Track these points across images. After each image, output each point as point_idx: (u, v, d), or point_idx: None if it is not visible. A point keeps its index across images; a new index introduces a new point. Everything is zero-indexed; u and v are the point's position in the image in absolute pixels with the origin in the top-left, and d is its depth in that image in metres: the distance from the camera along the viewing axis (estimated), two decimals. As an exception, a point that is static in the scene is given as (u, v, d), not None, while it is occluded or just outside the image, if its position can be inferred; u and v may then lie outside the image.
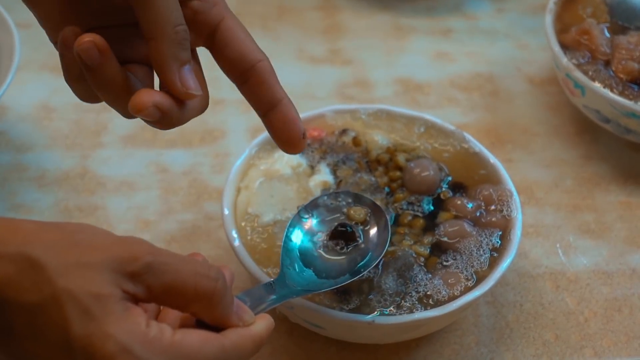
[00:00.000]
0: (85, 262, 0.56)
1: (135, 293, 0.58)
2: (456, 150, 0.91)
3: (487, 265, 0.82)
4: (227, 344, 0.60)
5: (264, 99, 0.72)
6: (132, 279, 0.57)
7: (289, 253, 0.78)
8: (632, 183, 1.02)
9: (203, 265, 0.60)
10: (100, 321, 0.55)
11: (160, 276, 0.58)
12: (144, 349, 0.56)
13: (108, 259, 0.57)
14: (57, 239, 0.57)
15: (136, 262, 0.57)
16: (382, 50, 1.17)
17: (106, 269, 0.56)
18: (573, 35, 1.04)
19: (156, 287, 0.58)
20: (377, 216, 0.82)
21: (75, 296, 0.55)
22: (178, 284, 0.59)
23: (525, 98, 1.12)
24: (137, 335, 0.56)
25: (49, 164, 1.00)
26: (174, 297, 0.59)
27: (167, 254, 0.59)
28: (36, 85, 1.08)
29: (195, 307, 0.60)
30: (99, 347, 0.55)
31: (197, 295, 0.59)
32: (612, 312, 0.90)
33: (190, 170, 1.00)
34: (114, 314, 0.56)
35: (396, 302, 0.79)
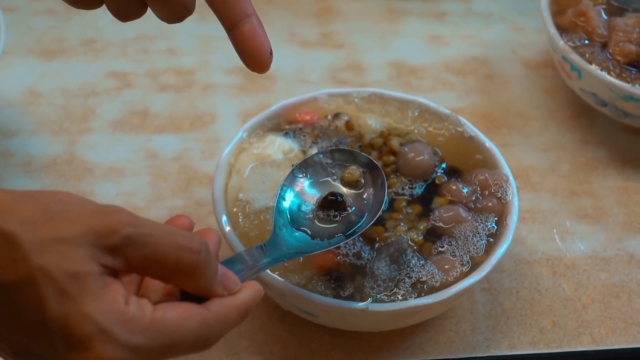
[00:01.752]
0: (61, 236, 0.54)
1: (114, 266, 0.56)
2: (451, 135, 0.90)
3: (483, 250, 0.80)
4: (209, 317, 0.59)
5: (232, 11, 0.71)
6: (111, 253, 0.55)
7: (281, 214, 0.76)
8: (630, 167, 1.01)
9: (185, 236, 0.58)
10: (77, 301, 0.53)
11: (141, 249, 0.56)
12: (122, 328, 0.54)
13: (85, 233, 0.55)
14: (33, 212, 0.55)
15: (115, 235, 0.55)
16: (375, 33, 1.15)
17: (83, 243, 0.54)
18: (569, 17, 1.02)
19: (136, 260, 0.56)
20: (374, 175, 0.79)
21: (51, 275, 0.53)
22: (159, 257, 0.57)
23: (521, 82, 1.10)
24: (115, 314, 0.54)
25: (35, 150, 0.98)
26: (154, 270, 0.57)
27: (148, 225, 0.57)
28: (23, 70, 1.07)
29: (177, 279, 0.58)
30: (77, 328, 0.53)
31: (178, 268, 0.57)
32: (610, 299, 0.89)
33: (180, 156, 0.99)
34: (91, 293, 0.54)
35: (390, 288, 0.77)
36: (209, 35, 1.12)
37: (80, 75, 1.07)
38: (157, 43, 1.11)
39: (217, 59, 1.10)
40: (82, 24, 1.13)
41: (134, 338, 0.55)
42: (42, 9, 1.14)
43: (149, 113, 1.03)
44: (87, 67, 1.08)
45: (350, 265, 0.78)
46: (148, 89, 1.06)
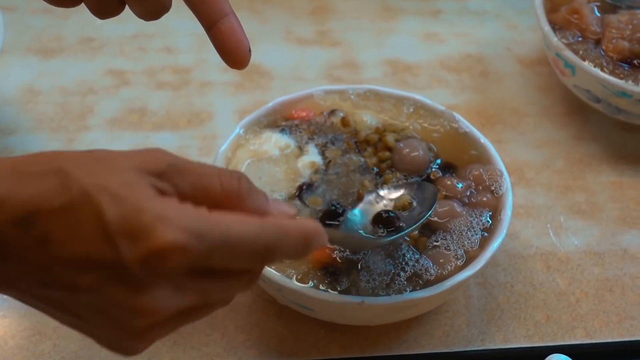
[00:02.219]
0: (111, 166, 0.55)
1: (164, 188, 0.56)
2: (446, 131, 0.90)
3: (478, 245, 0.81)
4: (267, 223, 0.57)
5: (211, 11, 0.72)
6: (159, 178, 0.56)
7: None
8: (623, 163, 1.02)
9: (223, 168, 0.60)
10: (132, 200, 0.53)
11: (186, 176, 0.57)
12: (181, 215, 0.54)
13: (133, 163, 0.55)
14: (82, 155, 0.56)
15: (161, 162, 0.56)
16: (370, 31, 1.16)
17: (133, 169, 0.55)
18: (563, 15, 1.03)
19: (184, 186, 0.56)
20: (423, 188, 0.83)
21: (104, 186, 0.53)
22: (204, 182, 0.57)
23: (516, 79, 1.11)
24: (171, 205, 0.54)
25: (34, 148, 0.99)
26: (201, 197, 0.57)
27: (187, 160, 0.58)
28: (21, 69, 1.07)
29: (225, 205, 0.58)
30: (135, 220, 0.53)
31: (224, 192, 0.57)
32: (604, 293, 0.90)
33: (177, 153, 0.97)
34: (146, 195, 0.54)
35: (385, 282, 0.78)
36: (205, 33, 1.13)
37: (78, 73, 1.07)
38: (155, 41, 1.12)
39: (214, 57, 1.08)
40: (80, 22, 1.14)
41: (194, 223, 0.54)
42: (40, 7, 1.15)
43: (146, 111, 1.04)
44: (85, 65, 1.09)
45: (346, 259, 0.79)
46: (145, 86, 1.06)
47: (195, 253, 0.54)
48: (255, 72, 1.09)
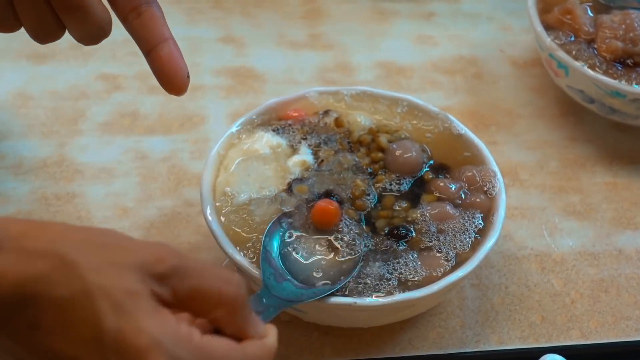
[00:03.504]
0: (115, 261, 0.56)
1: (162, 295, 0.57)
2: (439, 132, 0.90)
3: (470, 246, 0.81)
4: (249, 353, 0.60)
5: (150, 35, 0.72)
6: (159, 281, 0.57)
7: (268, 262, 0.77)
8: (618, 164, 1.01)
9: (226, 271, 0.60)
10: (132, 316, 0.54)
11: (186, 279, 0.57)
12: (176, 345, 0.55)
13: (137, 260, 0.56)
14: (87, 239, 0.57)
15: (163, 264, 0.57)
16: (363, 34, 1.16)
17: (136, 269, 0.56)
18: (556, 15, 1.03)
19: (182, 290, 0.57)
20: None
21: (107, 291, 0.54)
22: (204, 287, 0.58)
23: (509, 80, 1.10)
24: (169, 330, 0.55)
25: (26, 152, 0.99)
26: (199, 301, 0.58)
27: (192, 259, 0.59)
28: (12, 74, 1.07)
29: (218, 312, 0.59)
30: (132, 341, 0.53)
31: (221, 300, 0.58)
32: (599, 293, 0.89)
33: (170, 157, 0.99)
34: (146, 310, 0.55)
35: (378, 284, 0.77)
36: (198, 37, 1.13)
37: (70, 78, 1.07)
38: (147, 46, 1.11)
39: (206, 61, 1.10)
40: (72, 27, 1.13)
41: (185, 355, 0.55)
42: (31, 13, 1.14)
43: (138, 115, 1.03)
44: (77, 70, 1.08)
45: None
46: (137, 91, 1.06)
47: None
48: (248, 75, 1.09)
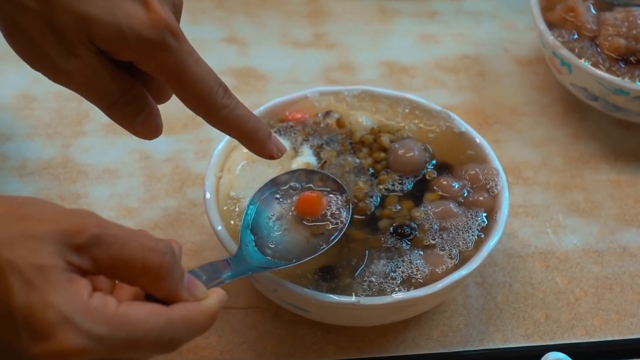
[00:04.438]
0: (30, 233, 0.56)
1: (81, 265, 0.57)
2: (442, 131, 0.90)
3: (474, 245, 0.81)
4: (174, 316, 0.60)
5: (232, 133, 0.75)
6: (78, 251, 0.57)
7: (248, 230, 0.77)
8: (622, 161, 1.01)
9: (151, 238, 0.60)
10: (41, 291, 0.55)
11: (107, 249, 0.58)
12: (84, 318, 0.55)
13: (53, 231, 0.57)
14: (6, 211, 0.58)
15: (82, 234, 0.57)
16: (366, 33, 1.16)
17: (51, 240, 0.56)
18: (559, 13, 1.02)
19: (102, 260, 0.58)
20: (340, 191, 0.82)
21: (18, 267, 0.55)
22: (125, 257, 0.58)
23: (513, 78, 1.10)
24: (78, 304, 0.56)
25: (30, 154, 0.99)
26: (120, 270, 0.59)
27: (115, 227, 0.59)
28: (16, 75, 1.07)
29: (143, 280, 0.60)
30: (40, 316, 0.55)
31: (144, 269, 0.59)
32: (603, 291, 0.89)
33: (173, 157, 0.99)
34: (55, 284, 0.55)
35: (382, 282, 0.77)
36: (201, 37, 1.12)
37: (73, 79, 1.07)
38: (150, 46, 1.11)
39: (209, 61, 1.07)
40: (76, 29, 1.13)
41: (96, 328, 0.56)
42: (35, 14, 1.15)
43: (142, 115, 1.03)
44: (81, 71, 1.08)
45: (341, 260, 0.79)
46: (141, 91, 1.06)
47: (96, 354, 0.56)
48: (251, 75, 1.09)
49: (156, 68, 0.69)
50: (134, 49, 0.68)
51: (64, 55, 0.68)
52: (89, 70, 0.68)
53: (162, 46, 0.68)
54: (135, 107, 0.72)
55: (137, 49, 0.68)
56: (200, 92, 0.71)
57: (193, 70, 0.70)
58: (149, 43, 0.68)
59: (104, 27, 0.67)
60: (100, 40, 0.67)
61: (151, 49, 0.68)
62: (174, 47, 0.68)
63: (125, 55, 0.69)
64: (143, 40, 0.67)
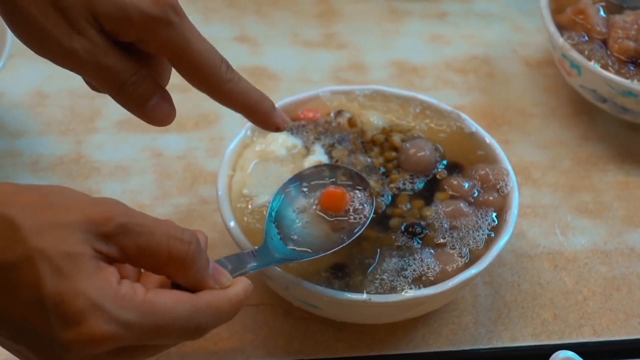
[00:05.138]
0: (58, 222, 0.57)
1: (109, 253, 0.58)
2: (452, 131, 0.91)
3: (484, 244, 0.81)
4: (200, 303, 0.61)
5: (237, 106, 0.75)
6: (105, 240, 0.58)
7: (273, 224, 0.79)
8: (630, 163, 1.02)
9: (176, 228, 0.61)
10: (71, 278, 0.56)
11: (134, 237, 0.59)
12: (114, 305, 0.56)
13: (81, 219, 0.57)
14: (33, 200, 0.58)
15: (109, 223, 0.58)
16: (377, 33, 1.17)
17: (79, 228, 0.57)
18: (569, 15, 1.03)
19: (129, 248, 0.59)
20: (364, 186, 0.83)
21: (47, 255, 0.56)
22: (151, 245, 0.59)
23: (522, 80, 1.11)
24: (107, 291, 0.57)
25: (43, 150, 1.00)
26: (147, 259, 0.60)
27: (142, 216, 0.60)
28: (30, 72, 1.08)
29: (169, 269, 0.61)
30: (70, 303, 0.55)
31: (170, 257, 0.60)
32: (611, 291, 0.90)
33: (185, 155, 1.00)
34: (85, 272, 0.56)
35: (393, 280, 0.78)
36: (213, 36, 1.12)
37: (86, 76, 1.08)
38: (162, 45, 1.12)
39: (221, 60, 1.11)
40: (88, 26, 1.14)
41: (125, 314, 0.57)
42: (48, 12, 1.15)
43: (154, 113, 1.04)
44: (93, 68, 1.09)
45: (353, 258, 0.80)
46: (153, 89, 1.07)
47: (125, 341, 0.57)
48: (262, 74, 1.10)
49: (160, 46, 0.69)
50: (138, 26, 0.68)
51: (69, 34, 0.67)
52: (96, 48, 0.68)
53: (166, 23, 0.68)
54: (147, 89, 0.71)
55: (141, 27, 0.68)
56: (205, 66, 0.71)
57: (197, 45, 0.70)
58: (153, 19, 0.68)
59: (108, 4, 0.67)
60: (104, 18, 0.67)
61: (155, 26, 0.68)
62: (177, 23, 0.69)
63: (129, 35, 0.69)
64: (147, 16, 0.68)
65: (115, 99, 0.72)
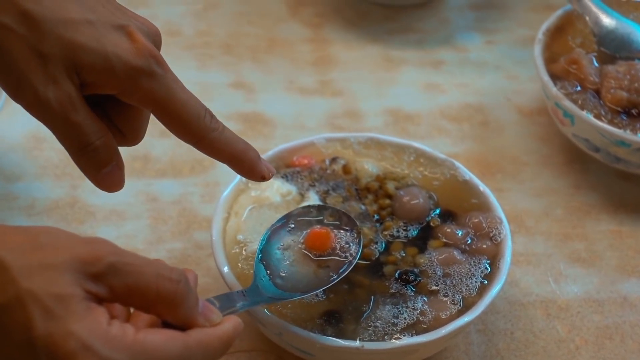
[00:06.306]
0: (48, 263, 0.58)
1: (98, 293, 0.59)
2: (446, 179, 0.91)
3: (477, 291, 0.82)
4: (191, 341, 0.61)
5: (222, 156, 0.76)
6: (95, 280, 0.59)
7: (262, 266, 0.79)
8: (622, 212, 1.02)
9: (165, 267, 0.62)
10: (61, 320, 0.56)
11: (123, 277, 0.59)
12: (105, 346, 0.57)
13: (71, 260, 0.58)
14: (22, 241, 0.59)
15: (99, 263, 0.59)
16: (372, 81, 1.18)
17: (68, 269, 0.58)
18: (562, 65, 1.04)
19: (119, 288, 0.59)
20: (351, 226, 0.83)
21: (37, 297, 0.56)
22: (140, 285, 0.60)
23: (515, 128, 1.12)
24: (98, 333, 0.57)
25: (38, 194, 1.00)
26: (136, 298, 0.60)
27: (130, 255, 0.60)
28: (26, 116, 1.06)
29: (158, 308, 0.61)
30: (61, 345, 0.56)
31: (159, 297, 0.60)
32: (604, 340, 0.90)
33: (180, 200, 1.00)
34: (75, 313, 0.57)
35: (386, 327, 0.78)
36: (209, 82, 1.15)
37: (82, 121, 1.08)
38: (159, 90, 1.13)
39: (216, 106, 1.09)
40: (85, 71, 1.15)
41: (116, 355, 0.57)
42: (46, 57, 1.16)
43: (149, 158, 1.05)
44: (90, 113, 1.10)
45: (347, 304, 0.80)
46: (148, 134, 1.05)
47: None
48: (258, 120, 1.10)
49: (143, 97, 0.70)
50: (120, 77, 0.69)
51: (45, 82, 0.68)
52: (68, 102, 0.69)
53: (149, 74, 0.69)
54: (106, 156, 0.72)
55: (124, 77, 0.69)
56: (188, 117, 0.72)
57: (180, 96, 0.71)
58: (136, 71, 0.69)
59: (91, 54, 0.68)
60: (87, 69, 0.68)
61: (138, 77, 0.69)
62: (160, 74, 0.70)
63: (111, 86, 0.70)
64: (130, 68, 0.69)
65: (72, 157, 0.73)
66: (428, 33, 1.25)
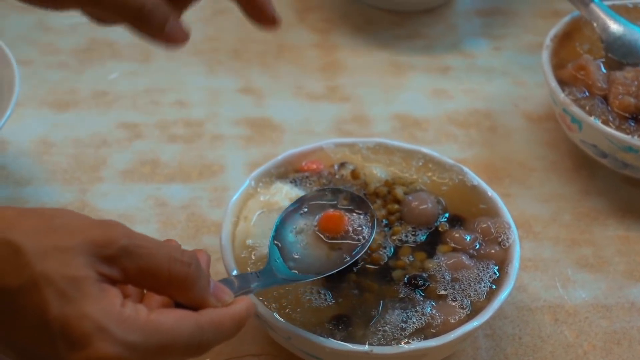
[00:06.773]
0: (62, 245, 0.58)
1: (111, 275, 0.60)
2: (454, 184, 0.92)
3: (485, 296, 0.82)
4: (203, 321, 0.62)
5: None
6: (108, 262, 0.59)
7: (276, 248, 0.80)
8: (630, 217, 1.02)
9: (177, 249, 0.63)
10: (76, 302, 0.57)
11: (136, 259, 0.60)
12: (119, 327, 0.58)
13: (84, 243, 0.59)
14: (37, 224, 0.59)
15: (112, 245, 0.59)
16: (380, 87, 1.18)
17: (82, 252, 0.58)
18: (570, 71, 1.04)
19: (131, 270, 0.60)
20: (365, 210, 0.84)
21: (52, 279, 0.57)
22: (152, 267, 0.61)
23: (523, 134, 1.12)
24: (112, 314, 0.58)
25: (47, 198, 1.00)
26: (149, 280, 0.61)
27: (143, 238, 0.62)
28: (36, 121, 1.09)
29: (170, 290, 0.62)
30: (76, 327, 0.57)
31: (171, 279, 0.61)
32: (611, 345, 0.90)
33: (189, 204, 1.01)
34: (89, 295, 0.57)
35: (395, 332, 0.78)
36: (217, 87, 1.15)
37: (91, 126, 1.09)
38: (167, 95, 1.13)
39: (225, 111, 1.12)
40: (94, 76, 1.16)
41: (130, 336, 0.58)
42: (55, 62, 1.17)
43: (158, 163, 1.05)
44: (98, 118, 1.10)
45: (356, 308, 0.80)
46: (157, 139, 1.08)
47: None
48: (266, 126, 1.11)
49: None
50: None
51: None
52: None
53: None
54: (164, 12, 0.72)
55: None
56: None
57: None
58: None
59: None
60: None
61: None
62: None
63: None
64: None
65: (133, 27, 0.73)
66: (435, 39, 1.25)
